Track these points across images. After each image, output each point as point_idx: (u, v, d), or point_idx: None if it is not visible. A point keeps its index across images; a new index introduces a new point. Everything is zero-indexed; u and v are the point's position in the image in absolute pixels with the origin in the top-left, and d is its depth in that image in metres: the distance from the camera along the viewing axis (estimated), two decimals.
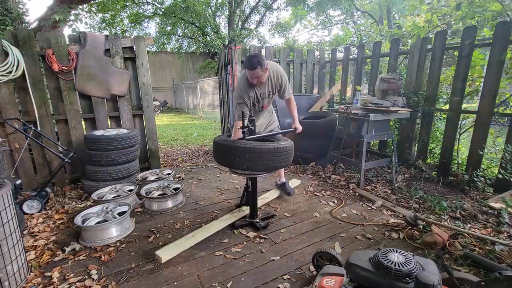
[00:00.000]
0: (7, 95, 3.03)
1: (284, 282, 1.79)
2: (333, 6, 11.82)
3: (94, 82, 3.38)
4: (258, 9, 14.72)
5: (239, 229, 2.42)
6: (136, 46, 3.63)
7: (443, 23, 4.26)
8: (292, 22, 13.16)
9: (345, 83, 4.75)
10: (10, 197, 1.74)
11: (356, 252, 1.36)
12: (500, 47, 2.83)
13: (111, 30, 11.53)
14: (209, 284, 1.79)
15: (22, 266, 1.80)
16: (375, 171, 3.79)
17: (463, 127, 3.38)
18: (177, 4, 11.35)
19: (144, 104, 3.79)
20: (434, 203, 2.68)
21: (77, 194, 3.27)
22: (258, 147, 2.02)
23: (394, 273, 1.16)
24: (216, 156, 2.26)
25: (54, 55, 3.15)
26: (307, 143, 4.16)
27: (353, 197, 3.07)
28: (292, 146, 2.23)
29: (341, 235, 2.32)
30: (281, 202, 2.97)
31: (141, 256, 2.09)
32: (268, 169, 2.15)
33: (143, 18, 12.83)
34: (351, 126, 3.46)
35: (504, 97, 3.07)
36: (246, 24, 14.74)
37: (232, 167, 2.26)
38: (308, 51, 5.09)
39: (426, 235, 2.14)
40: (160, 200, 2.80)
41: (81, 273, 1.91)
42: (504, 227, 2.26)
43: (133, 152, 3.24)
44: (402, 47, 4.30)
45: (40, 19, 4.53)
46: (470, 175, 3.08)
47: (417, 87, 3.61)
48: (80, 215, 2.36)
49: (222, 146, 2.14)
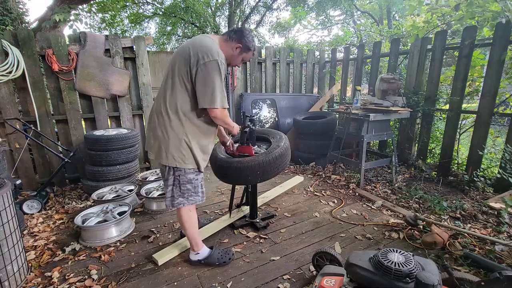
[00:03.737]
0: (7, 95, 3.03)
1: (284, 282, 1.79)
2: (333, 6, 11.81)
3: (94, 82, 3.38)
4: (258, 9, 14.71)
5: (239, 229, 2.42)
6: (136, 46, 3.63)
7: (443, 23, 4.26)
8: (292, 22, 13.16)
9: (345, 83, 4.75)
10: (10, 197, 1.74)
11: (356, 252, 1.36)
12: (500, 47, 2.83)
13: (111, 30, 11.52)
14: (209, 284, 1.79)
15: (22, 266, 1.80)
16: (375, 171, 3.79)
17: (463, 127, 3.38)
18: (177, 4, 11.34)
19: (144, 104, 3.79)
20: (434, 203, 2.68)
21: (77, 194, 3.27)
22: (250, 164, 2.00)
23: (394, 273, 1.16)
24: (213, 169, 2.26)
25: (54, 55, 3.15)
26: (307, 143, 4.16)
27: (353, 197, 3.07)
28: (286, 150, 2.17)
29: (341, 235, 2.32)
30: (281, 202, 2.97)
31: (141, 256, 2.09)
32: (264, 179, 2.12)
33: (143, 18, 12.82)
34: (351, 126, 3.45)
35: (504, 97, 3.07)
36: (246, 24, 14.74)
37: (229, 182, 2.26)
38: (308, 51, 5.09)
39: (426, 235, 2.13)
40: (160, 200, 2.80)
41: (81, 273, 1.91)
42: (504, 227, 2.26)
43: (133, 152, 3.24)
44: (402, 47, 4.30)
45: (40, 19, 4.53)
46: (470, 175, 3.08)
47: (417, 87, 3.60)
48: (80, 215, 2.36)
49: (217, 162, 2.15)
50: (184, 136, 1.71)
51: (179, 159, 1.72)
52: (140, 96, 3.79)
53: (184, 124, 1.70)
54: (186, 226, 1.89)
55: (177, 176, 1.77)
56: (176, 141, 1.70)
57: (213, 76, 1.61)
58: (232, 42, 1.76)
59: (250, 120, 2.19)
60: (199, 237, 1.98)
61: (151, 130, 1.80)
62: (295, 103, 4.71)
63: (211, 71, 1.61)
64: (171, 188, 1.79)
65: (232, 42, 1.76)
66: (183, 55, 1.66)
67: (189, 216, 1.88)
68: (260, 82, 4.83)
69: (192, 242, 1.94)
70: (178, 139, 1.70)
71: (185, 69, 1.64)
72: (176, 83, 1.68)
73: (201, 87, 1.63)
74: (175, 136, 1.70)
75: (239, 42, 1.76)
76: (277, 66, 5.08)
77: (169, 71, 1.74)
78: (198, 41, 1.69)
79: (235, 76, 4.46)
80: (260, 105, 4.53)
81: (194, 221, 1.92)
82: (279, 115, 4.56)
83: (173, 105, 1.69)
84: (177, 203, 1.81)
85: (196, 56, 1.61)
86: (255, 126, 2.20)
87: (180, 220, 1.90)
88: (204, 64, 1.60)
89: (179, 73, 1.66)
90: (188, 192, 1.81)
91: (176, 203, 1.81)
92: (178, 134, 1.70)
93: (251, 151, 2.11)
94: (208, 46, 1.64)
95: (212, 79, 1.61)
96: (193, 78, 1.64)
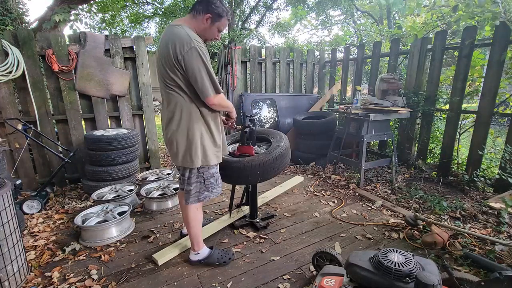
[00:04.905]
0: (7, 95, 3.03)
1: (284, 282, 1.79)
2: (333, 6, 11.81)
3: (94, 82, 3.38)
4: (258, 9, 14.72)
5: (239, 229, 2.42)
6: (136, 46, 3.63)
7: (443, 23, 4.26)
8: (292, 22, 13.15)
9: (345, 83, 4.75)
10: (10, 197, 1.74)
11: (356, 252, 1.36)
12: (500, 47, 2.83)
13: (111, 30, 11.53)
14: (209, 284, 1.79)
15: (22, 266, 1.80)
16: (375, 171, 3.79)
17: (463, 127, 3.38)
18: (177, 4, 11.35)
19: (144, 104, 3.79)
20: (434, 203, 2.68)
21: (77, 194, 3.27)
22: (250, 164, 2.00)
23: (394, 273, 1.16)
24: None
25: (54, 55, 3.15)
26: (307, 143, 4.16)
27: (353, 197, 3.07)
28: (286, 150, 2.16)
29: (341, 235, 2.32)
30: (281, 202, 2.97)
31: (141, 256, 2.09)
32: (264, 179, 2.13)
33: (143, 18, 12.83)
34: (351, 126, 3.45)
35: (504, 97, 3.07)
36: (246, 24, 14.74)
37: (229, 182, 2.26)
38: (308, 51, 5.09)
39: (426, 235, 2.13)
40: (160, 200, 2.80)
41: (81, 273, 1.91)
42: (504, 227, 2.26)
43: (133, 152, 3.24)
44: (402, 47, 4.30)
45: (40, 19, 4.53)
46: (470, 175, 3.08)
47: (417, 87, 3.61)
48: (80, 215, 2.36)
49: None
50: (198, 133, 1.71)
51: (202, 158, 1.74)
52: (140, 96, 3.78)
53: (195, 121, 1.69)
54: (191, 224, 1.89)
55: (201, 173, 1.79)
56: (195, 141, 1.70)
57: (196, 65, 1.56)
58: (200, 15, 1.66)
59: (250, 120, 2.19)
60: (201, 237, 1.99)
61: (169, 139, 1.76)
62: (295, 103, 4.71)
63: (192, 61, 1.55)
64: (196, 185, 1.80)
65: (200, 15, 1.66)
66: (164, 55, 1.62)
67: (196, 215, 1.89)
68: (260, 82, 4.83)
69: (194, 241, 1.94)
70: (195, 138, 1.70)
71: (172, 67, 1.60)
72: (170, 83, 1.65)
73: (193, 80, 1.60)
74: (191, 137, 1.70)
75: (207, 12, 1.65)
76: (277, 66, 5.08)
77: (159, 75, 1.71)
78: (168, 35, 1.61)
79: (235, 76, 4.46)
80: (260, 105, 4.53)
81: (200, 220, 1.94)
82: (279, 115, 4.55)
83: (178, 106, 1.67)
84: (203, 197, 1.84)
85: (174, 52, 1.55)
86: (255, 126, 2.20)
87: (186, 218, 1.90)
88: (183, 56, 1.55)
89: (168, 73, 1.62)
90: (212, 185, 1.84)
91: (203, 197, 1.84)
92: (193, 133, 1.70)
93: (251, 151, 2.11)
94: (180, 35, 1.56)
95: (197, 68, 1.56)
96: (182, 73, 1.61)
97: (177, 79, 1.63)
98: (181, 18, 1.73)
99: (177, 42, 1.55)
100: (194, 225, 1.90)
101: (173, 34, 1.59)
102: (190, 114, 1.69)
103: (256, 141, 2.31)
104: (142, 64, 3.69)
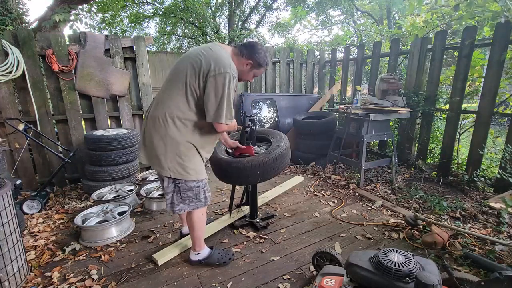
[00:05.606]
0: (7, 95, 3.03)
1: (284, 282, 1.79)
2: (333, 6, 11.81)
3: (94, 82, 3.38)
4: (258, 9, 14.71)
5: (239, 229, 2.41)
6: (136, 46, 3.63)
7: (443, 23, 4.26)
8: (292, 22, 13.15)
9: (345, 83, 4.75)
10: (10, 197, 1.74)
11: (356, 252, 1.36)
12: (500, 47, 2.83)
13: (111, 30, 11.52)
14: (209, 284, 1.79)
15: (22, 266, 1.80)
16: (375, 171, 3.79)
17: (463, 127, 3.38)
18: (177, 4, 11.34)
19: (144, 104, 3.79)
20: (434, 203, 2.68)
21: (77, 194, 3.27)
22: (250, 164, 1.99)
23: (394, 273, 1.16)
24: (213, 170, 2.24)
25: (54, 55, 3.15)
26: (307, 143, 4.16)
27: (353, 197, 3.07)
28: (286, 150, 2.15)
29: (341, 235, 2.32)
30: (281, 202, 2.97)
31: (141, 256, 2.09)
32: (264, 179, 2.12)
33: (143, 18, 12.82)
34: (351, 126, 3.45)
35: (504, 97, 3.07)
36: (246, 24, 14.73)
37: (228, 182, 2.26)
38: (308, 51, 5.09)
39: (426, 235, 2.14)
40: (160, 200, 2.80)
41: (81, 273, 1.91)
42: (504, 227, 2.26)
43: (133, 152, 3.24)
44: (402, 47, 4.30)
45: (40, 19, 4.53)
46: (470, 175, 3.08)
47: (417, 87, 3.61)
48: (80, 215, 2.36)
49: (217, 162, 2.13)
50: (183, 145, 1.64)
51: (179, 170, 1.65)
52: (140, 96, 3.78)
53: (184, 132, 1.64)
54: (195, 227, 1.86)
55: (177, 184, 1.71)
56: (175, 151, 1.63)
57: (222, 90, 1.55)
58: (243, 58, 1.69)
59: (250, 120, 2.19)
60: (203, 238, 1.98)
61: (147, 137, 1.69)
62: (295, 103, 4.71)
63: (221, 84, 1.54)
64: (171, 195, 1.73)
65: (243, 58, 1.69)
66: (193, 62, 1.59)
67: (200, 219, 1.86)
68: (260, 82, 4.83)
69: (196, 242, 1.92)
70: (178, 148, 1.63)
71: (195, 77, 1.57)
72: (181, 89, 1.60)
73: (209, 99, 1.56)
74: (175, 145, 1.63)
75: (250, 59, 1.69)
76: (277, 66, 5.08)
77: (173, 75, 1.66)
78: (211, 50, 1.61)
79: None
80: (260, 105, 4.53)
81: (204, 223, 1.91)
82: (279, 115, 4.56)
83: (175, 111, 1.61)
84: (178, 209, 1.75)
85: (208, 66, 1.55)
86: (255, 126, 2.20)
87: (190, 222, 1.86)
88: (215, 76, 1.53)
89: (187, 79, 1.59)
90: (189, 199, 1.75)
91: (177, 209, 1.75)
92: (178, 143, 1.63)
93: (251, 151, 2.11)
94: (222, 57, 1.58)
95: (221, 93, 1.55)
96: (201, 87, 1.59)
97: (197, 90, 1.61)
98: (229, 46, 1.73)
99: (216, 61, 1.56)
100: (198, 228, 1.87)
101: (216, 53, 1.60)
102: (187, 125, 1.64)
103: (256, 141, 2.31)
104: (142, 64, 3.69)
